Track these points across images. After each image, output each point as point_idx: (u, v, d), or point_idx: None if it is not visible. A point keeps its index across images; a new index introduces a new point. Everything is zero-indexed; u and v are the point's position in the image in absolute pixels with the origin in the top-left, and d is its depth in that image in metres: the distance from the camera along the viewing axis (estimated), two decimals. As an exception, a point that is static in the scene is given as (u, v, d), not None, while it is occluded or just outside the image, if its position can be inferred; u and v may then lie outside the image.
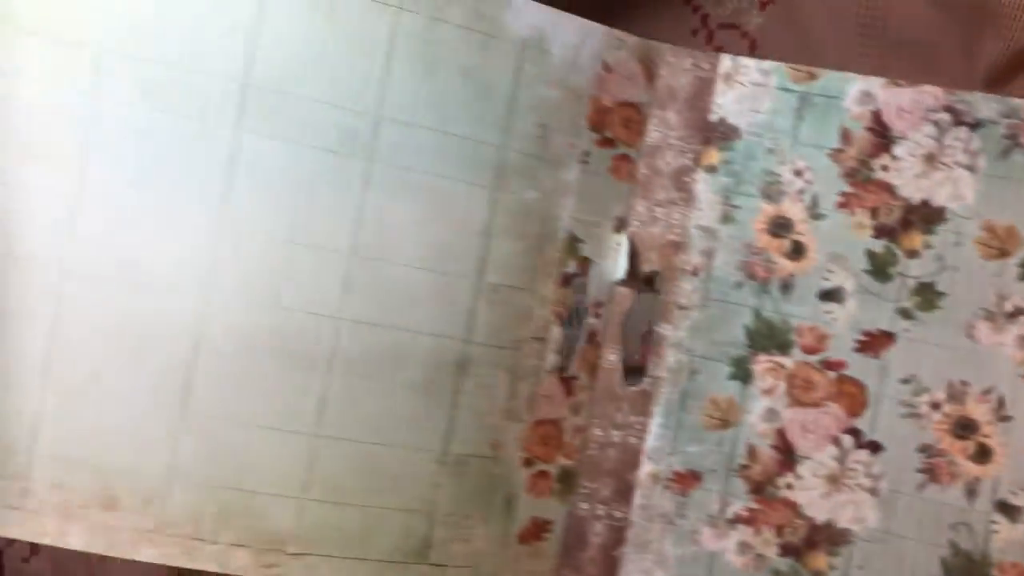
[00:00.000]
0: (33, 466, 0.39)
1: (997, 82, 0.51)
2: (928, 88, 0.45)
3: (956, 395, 0.44)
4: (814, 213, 0.45)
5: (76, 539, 0.39)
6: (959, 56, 0.51)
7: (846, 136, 0.45)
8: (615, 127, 0.46)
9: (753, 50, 0.53)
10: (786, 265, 0.46)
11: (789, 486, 0.45)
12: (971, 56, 0.51)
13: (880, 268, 0.45)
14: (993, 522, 0.43)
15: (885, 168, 0.45)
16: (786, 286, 0.46)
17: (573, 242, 0.45)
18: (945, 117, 0.44)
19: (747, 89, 0.46)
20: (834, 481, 0.45)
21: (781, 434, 0.45)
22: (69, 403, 0.39)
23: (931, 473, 0.44)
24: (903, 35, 0.52)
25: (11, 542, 0.55)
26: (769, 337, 0.46)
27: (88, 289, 0.39)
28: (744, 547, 0.45)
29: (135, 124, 0.39)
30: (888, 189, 0.45)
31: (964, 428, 0.44)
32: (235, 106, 0.40)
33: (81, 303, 0.39)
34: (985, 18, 0.50)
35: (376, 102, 0.41)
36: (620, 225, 0.46)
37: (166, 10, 0.39)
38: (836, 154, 0.45)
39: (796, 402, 0.45)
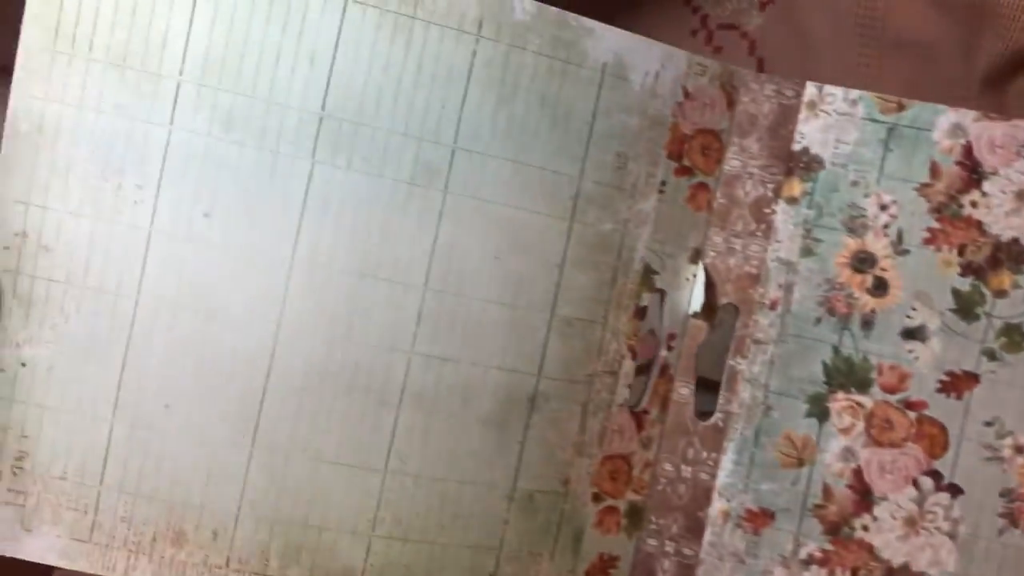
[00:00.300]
0: (102, 499, 0.40)
1: (996, 83, 0.51)
2: (1021, 123, 0.44)
3: (1040, 439, 0.44)
4: (899, 249, 0.45)
5: (144, 575, 0.40)
6: (958, 57, 0.51)
7: (935, 170, 0.45)
8: (693, 155, 0.46)
9: (752, 51, 0.54)
10: (868, 301, 0.45)
11: (865, 527, 0.45)
12: (970, 57, 0.51)
13: (966, 307, 0.44)
14: (1077, 572, 0.43)
15: (974, 204, 0.44)
16: (867, 323, 0.45)
17: (648, 273, 0.45)
18: (1038, 152, 0.44)
19: (832, 118, 0.46)
20: (912, 524, 0.45)
21: (858, 474, 0.45)
22: (138, 435, 0.40)
23: (1011, 518, 0.44)
24: (902, 35, 0.52)
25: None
26: (848, 375, 0.45)
27: (161, 320, 0.40)
28: (817, 589, 0.45)
29: (211, 155, 0.39)
30: (977, 226, 0.44)
31: (1047, 474, 0.43)
32: (310, 137, 0.40)
33: (154, 334, 0.40)
34: (984, 18, 0.49)
35: (453, 132, 0.41)
36: (696, 256, 0.46)
37: (244, 41, 0.39)
38: (924, 188, 0.45)
39: (874, 442, 0.45)
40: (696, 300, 0.46)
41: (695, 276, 0.46)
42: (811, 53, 0.53)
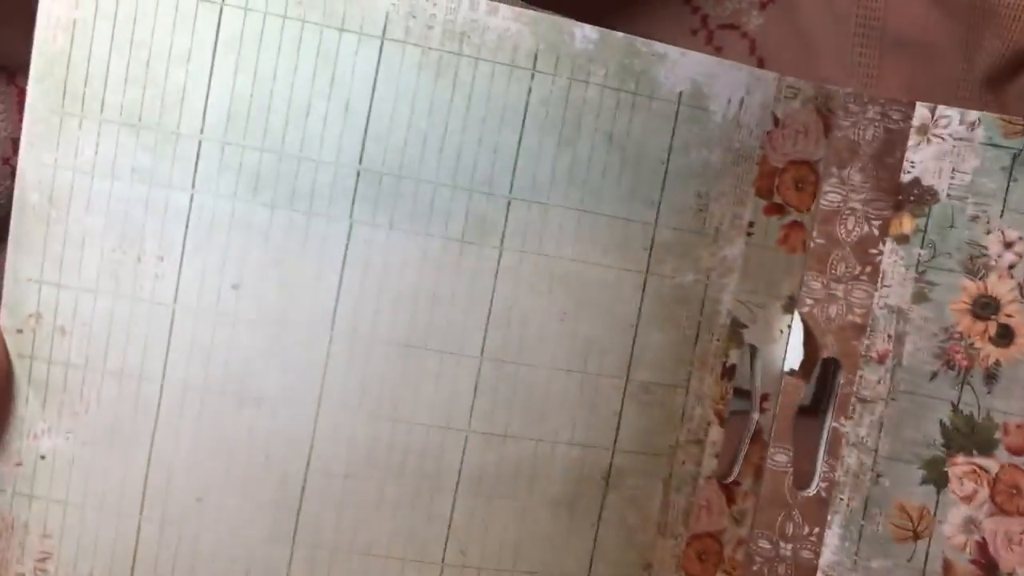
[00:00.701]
0: (133, 601, 0.38)
1: (996, 83, 0.50)
2: None
3: None
4: (1027, 292, 0.41)
5: None
6: (958, 56, 0.50)
7: (1068, 202, 0.40)
8: (785, 190, 0.42)
9: (753, 51, 0.53)
10: (991, 352, 0.42)
11: (993, 609, 0.41)
12: (970, 57, 0.50)
13: (1107, 358, 0.40)
14: None
15: (1114, 241, 0.40)
16: (991, 377, 0.42)
17: (736, 328, 0.42)
18: None
19: (947, 144, 0.41)
20: (1046, 603, 0.41)
21: (982, 547, 0.42)
22: (169, 532, 0.38)
23: None
24: (902, 35, 0.51)
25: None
26: (969, 436, 0.42)
27: (189, 405, 0.37)
28: None
29: (238, 220, 0.37)
30: (1119, 266, 0.40)
31: None
32: (347, 195, 0.37)
33: (182, 420, 0.37)
34: (984, 18, 0.48)
35: (508, 181, 0.38)
36: (790, 305, 0.42)
37: (270, 91, 0.36)
38: (1056, 223, 0.41)
39: (1000, 510, 0.42)
40: (792, 355, 0.42)
41: (790, 328, 0.42)
42: (811, 53, 0.52)
